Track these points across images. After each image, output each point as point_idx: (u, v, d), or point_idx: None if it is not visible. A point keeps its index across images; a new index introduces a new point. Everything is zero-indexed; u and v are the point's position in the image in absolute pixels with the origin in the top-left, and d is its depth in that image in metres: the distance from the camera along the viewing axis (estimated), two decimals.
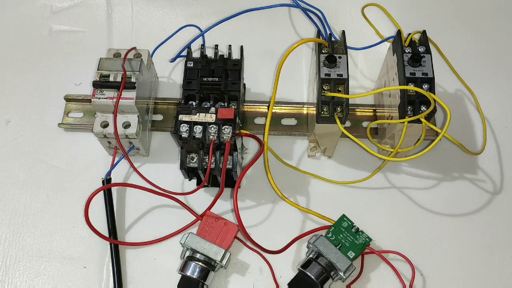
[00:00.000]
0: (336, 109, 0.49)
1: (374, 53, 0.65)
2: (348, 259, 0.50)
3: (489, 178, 0.58)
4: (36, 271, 0.53)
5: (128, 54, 0.54)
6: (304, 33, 0.68)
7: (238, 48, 0.55)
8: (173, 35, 0.64)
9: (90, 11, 0.70)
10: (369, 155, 0.57)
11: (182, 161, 0.50)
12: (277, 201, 0.56)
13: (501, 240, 0.55)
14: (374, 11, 0.68)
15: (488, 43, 0.67)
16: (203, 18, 0.69)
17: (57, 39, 0.67)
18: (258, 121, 0.60)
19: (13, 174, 0.58)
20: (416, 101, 0.48)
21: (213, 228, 0.52)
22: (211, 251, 0.50)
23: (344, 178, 0.57)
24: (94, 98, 0.52)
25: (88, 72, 0.63)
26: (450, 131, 0.52)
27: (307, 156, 0.59)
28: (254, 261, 0.53)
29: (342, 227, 0.52)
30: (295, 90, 0.63)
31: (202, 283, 0.50)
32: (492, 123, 0.61)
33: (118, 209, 0.55)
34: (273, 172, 0.54)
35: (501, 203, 0.57)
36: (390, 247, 0.54)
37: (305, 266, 0.50)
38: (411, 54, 0.50)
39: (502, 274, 0.53)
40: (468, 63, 0.65)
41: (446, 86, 0.64)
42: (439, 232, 0.55)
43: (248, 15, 0.65)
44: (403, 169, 0.59)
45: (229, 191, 0.57)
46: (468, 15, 0.70)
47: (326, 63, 0.49)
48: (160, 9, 0.70)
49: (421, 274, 0.53)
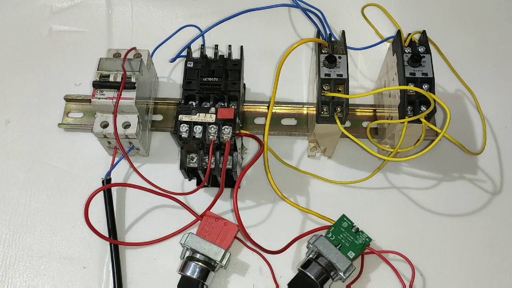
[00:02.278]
0: (336, 109, 0.49)
1: (374, 53, 0.65)
2: (348, 259, 0.50)
3: (489, 178, 0.58)
4: (36, 271, 0.53)
5: (128, 54, 0.54)
6: (304, 33, 0.68)
7: (238, 48, 0.55)
8: (173, 35, 0.64)
9: (90, 11, 0.70)
10: (369, 155, 0.57)
11: (182, 161, 0.50)
12: (277, 201, 0.56)
13: (501, 240, 0.55)
14: (374, 11, 0.68)
15: (488, 43, 0.67)
16: (203, 18, 0.69)
17: (57, 39, 0.67)
18: (258, 121, 0.60)
19: (13, 174, 0.58)
20: (416, 101, 0.48)
21: (213, 228, 0.52)
22: (211, 251, 0.50)
23: (344, 178, 0.57)
24: (94, 98, 0.52)
25: (88, 72, 0.63)
26: (450, 131, 0.52)
27: (307, 156, 0.59)
28: (254, 261, 0.53)
29: (342, 227, 0.52)
30: (295, 90, 0.63)
31: (202, 283, 0.50)
32: (492, 123, 0.61)
33: (118, 209, 0.55)
34: (273, 172, 0.54)
35: (501, 203, 0.57)
36: (390, 247, 0.54)
37: (305, 266, 0.50)
38: (411, 54, 0.50)
39: (502, 274, 0.53)
40: (468, 63, 0.65)
41: (446, 86, 0.64)
42: (439, 232, 0.55)
43: (248, 15, 0.65)
44: (403, 169, 0.59)
45: (229, 191, 0.57)
46: (468, 15, 0.70)
47: (326, 63, 0.49)
48: (160, 9, 0.70)
49: (421, 274, 0.53)
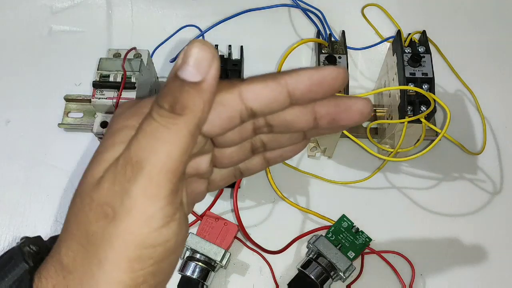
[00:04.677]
0: None
1: (374, 53, 0.65)
2: (348, 259, 0.50)
3: (489, 178, 0.58)
4: None
5: (128, 54, 0.54)
6: (304, 33, 0.68)
7: (238, 48, 0.55)
8: (173, 35, 0.64)
9: (90, 11, 0.70)
10: (369, 155, 0.56)
11: None
12: (277, 201, 0.56)
13: (501, 240, 0.55)
14: (374, 11, 0.68)
15: (488, 43, 0.67)
16: (203, 18, 0.69)
17: (57, 39, 0.67)
18: None
19: (13, 174, 0.58)
20: (416, 101, 0.48)
21: (213, 228, 0.52)
22: (211, 251, 0.50)
23: (344, 178, 0.57)
24: (94, 98, 0.52)
25: (88, 72, 0.62)
26: (450, 131, 0.52)
27: (307, 156, 0.59)
28: (254, 261, 0.53)
29: (342, 227, 0.52)
30: None
31: (202, 283, 0.50)
32: (492, 123, 0.61)
33: None
34: (273, 172, 0.54)
35: (501, 203, 0.57)
36: (390, 247, 0.54)
37: (305, 266, 0.50)
38: (411, 54, 0.50)
39: (502, 274, 0.53)
40: (468, 63, 0.65)
41: (446, 86, 0.64)
42: (439, 232, 0.55)
43: (248, 15, 0.65)
44: (403, 169, 0.59)
45: (229, 191, 0.57)
46: (468, 15, 0.69)
47: (326, 63, 0.49)
48: (160, 9, 0.70)
49: (421, 274, 0.53)
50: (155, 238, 0.22)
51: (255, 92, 0.22)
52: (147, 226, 0.21)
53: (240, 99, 0.22)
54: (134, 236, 0.21)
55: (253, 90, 0.22)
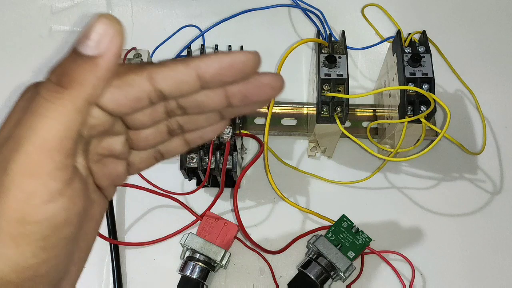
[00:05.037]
0: (336, 109, 0.49)
1: (374, 53, 0.65)
2: (348, 259, 0.50)
3: (489, 178, 0.58)
4: None
5: (128, 54, 0.54)
6: (304, 33, 0.68)
7: (238, 48, 0.55)
8: (173, 35, 0.64)
9: (90, 11, 0.70)
10: (369, 155, 0.57)
11: (182, 161, 0.50)
12: (277, 201, 0.56)
13: (501, 240, 0.55)
14: (374, 11, 0.68)
15: (488, 43, 0.67)
16: (203, 18, 0.69)
17: (57, 39, 0.67)
18: (258, 121, 0.60)
19: None
20: (416, 101, 0.48)
21: (213, 228, 0.52)
22: (211, 251, 0.50)
23: (344, 178, 0.57)
24: None
25: None
26: (450, 131, 0.52)
27: (307, 156, 0.59)
28: (254, 261, 0.53)
29: (342, 227, 0.52)
30: (295, 90, 0.63)
31: (202, 283, 0.50)
32: (492, 123, 0.61)
33: (118, 209, 0.55)
34: (273, 172, 0.54)
35: (501, 203, 0.57)
36: (390, 247, 0.54)
37: (305, 266, 0.50)
38: (411, 54, 0.50)
39: (503, 274, 0.53)
40: (468, 63, 0.65)
41: (446, 86, 0.64)
42: (439, 232, 0.55)
43: (248, 15, 0.65)
44: (403, 169, 0.59)
45: (229, 191, 0.57)
46: (468, 15, 0.70)
47: (326, 63, 0.49)
48: (160, 9, 0.70)
49: (421, 274, 0.53)
50: (39, 214, 0.21)
51: (164, 74, 0.22)
52: (27, 203, 0.21)
53: (148, 80, 0.22)
54: (15, 213, 0.21)
55: (162, 72, 0.22)
